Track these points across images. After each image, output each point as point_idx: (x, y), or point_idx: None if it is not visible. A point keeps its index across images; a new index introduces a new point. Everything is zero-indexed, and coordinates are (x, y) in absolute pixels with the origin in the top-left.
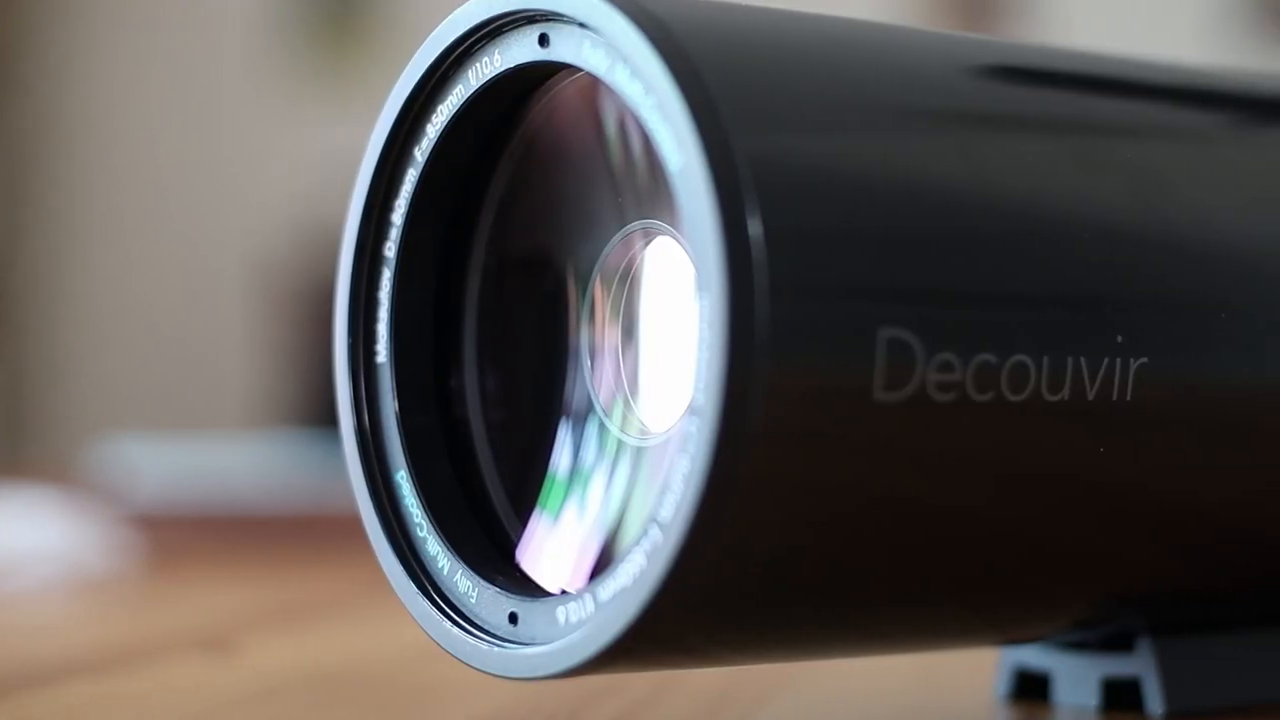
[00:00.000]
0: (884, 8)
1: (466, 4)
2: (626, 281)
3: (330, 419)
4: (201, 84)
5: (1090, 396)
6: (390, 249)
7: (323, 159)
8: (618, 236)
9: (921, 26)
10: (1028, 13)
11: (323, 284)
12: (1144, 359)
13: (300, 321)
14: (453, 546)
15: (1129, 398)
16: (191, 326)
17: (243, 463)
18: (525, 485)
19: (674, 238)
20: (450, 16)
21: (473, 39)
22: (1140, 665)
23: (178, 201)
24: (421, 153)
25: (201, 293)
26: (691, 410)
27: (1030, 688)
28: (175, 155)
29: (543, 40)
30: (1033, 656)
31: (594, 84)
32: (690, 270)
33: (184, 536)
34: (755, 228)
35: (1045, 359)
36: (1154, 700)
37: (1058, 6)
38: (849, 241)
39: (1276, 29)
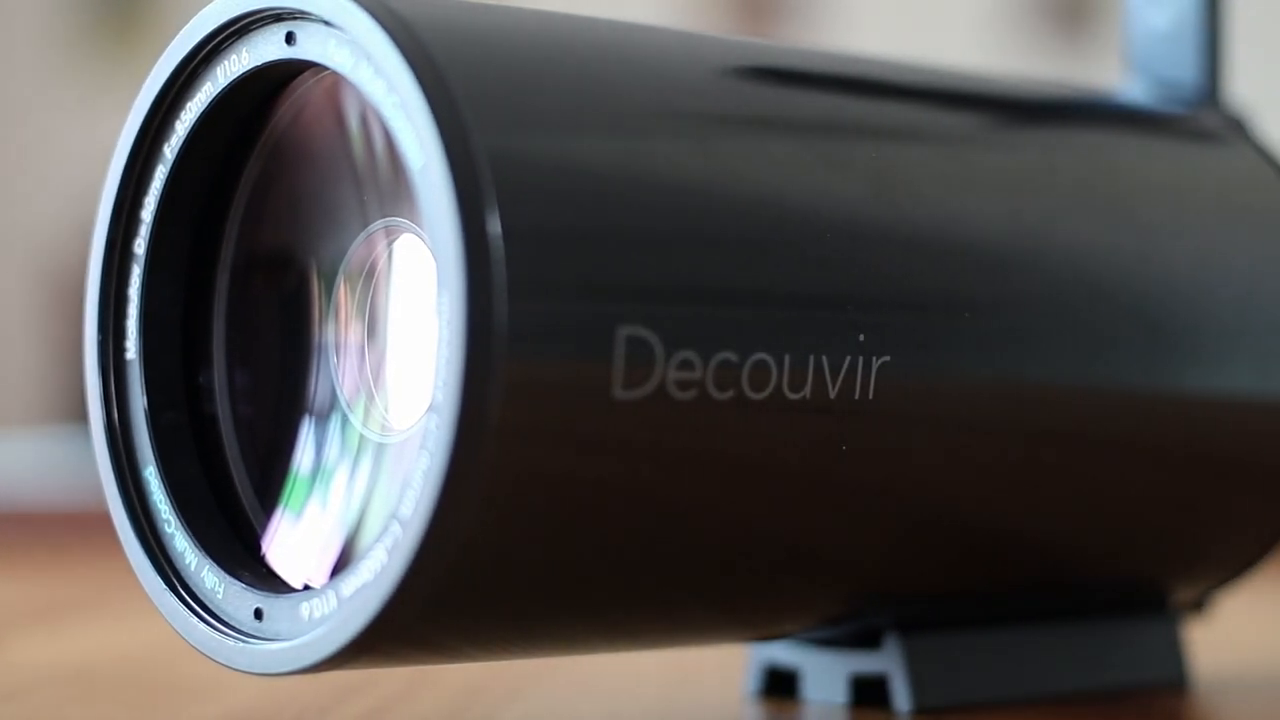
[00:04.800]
0: (664, 9)
1: (214, 1)
2: (371, 279)
3: None
4: None
5: (832, 395)
6: (140, 246)
7: (107, 154)
8: (362, 234)
9: (678, 28)
10: (810, 14)
11: None
12: (886, 358)
13: (80, 317)
14: (199, 542)
15: (871, 396)
16: None
17: (16, 459)
18: (271, 481)
19: (417, 235)
20: (199, 14)
21: (221, 36)
22: (888, 662)
23: None
24: (171, 150)
25: None
26: (431, 407)
27: (780, 684)
28: None
29: (289, 38)
30: (782, 653)
31: (340, 82)
32: (432, 268)
33: None
34: (494, 226)
35: (787, 358)
36: (901, 697)
37: (839, 8)
38: (589, 240)
39: (1054, 31)
